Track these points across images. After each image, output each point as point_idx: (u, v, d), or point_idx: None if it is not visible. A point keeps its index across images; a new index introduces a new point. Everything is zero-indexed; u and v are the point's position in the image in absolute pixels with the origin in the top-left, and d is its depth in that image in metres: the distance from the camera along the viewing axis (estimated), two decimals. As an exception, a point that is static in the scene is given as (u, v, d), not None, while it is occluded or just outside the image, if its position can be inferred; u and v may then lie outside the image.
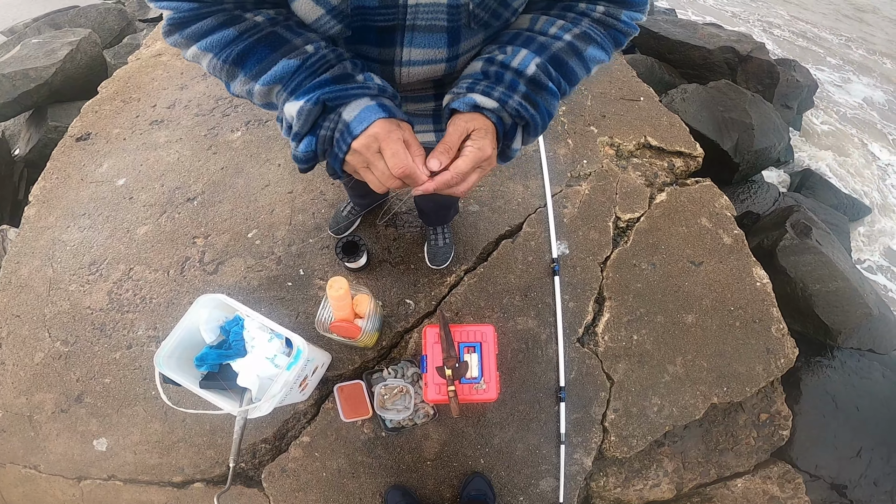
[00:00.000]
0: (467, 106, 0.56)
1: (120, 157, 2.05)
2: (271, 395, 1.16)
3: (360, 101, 0.53)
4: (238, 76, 0.55)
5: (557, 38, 0.59)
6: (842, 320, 1.98)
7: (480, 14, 0.56)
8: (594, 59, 0.60)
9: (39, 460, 1.57)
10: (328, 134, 0.54)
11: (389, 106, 0.54)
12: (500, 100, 0.55)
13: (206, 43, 0.53)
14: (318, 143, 0.55)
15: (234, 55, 0.53)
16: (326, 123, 0.54)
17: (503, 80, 0.57)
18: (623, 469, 1.62)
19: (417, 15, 0.55)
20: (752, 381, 1.66)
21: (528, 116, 0.57)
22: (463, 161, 0.55)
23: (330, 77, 0.53)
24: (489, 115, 0.56)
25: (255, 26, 0.53)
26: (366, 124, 0.51)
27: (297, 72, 0.53)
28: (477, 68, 0.59)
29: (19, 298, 1.78)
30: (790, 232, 2.22)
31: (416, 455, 1.55)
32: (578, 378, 1.62)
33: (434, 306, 1.70)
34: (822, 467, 1.82)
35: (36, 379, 1.65)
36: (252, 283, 1.73)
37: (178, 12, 0.52)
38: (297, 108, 0.53)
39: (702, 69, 3.19)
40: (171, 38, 0.54)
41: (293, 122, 0.54)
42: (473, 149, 0.55)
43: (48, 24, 3.66)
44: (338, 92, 0.52)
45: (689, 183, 2.01)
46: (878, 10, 6.65)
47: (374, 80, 0.56)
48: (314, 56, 0.54)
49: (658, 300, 1.74)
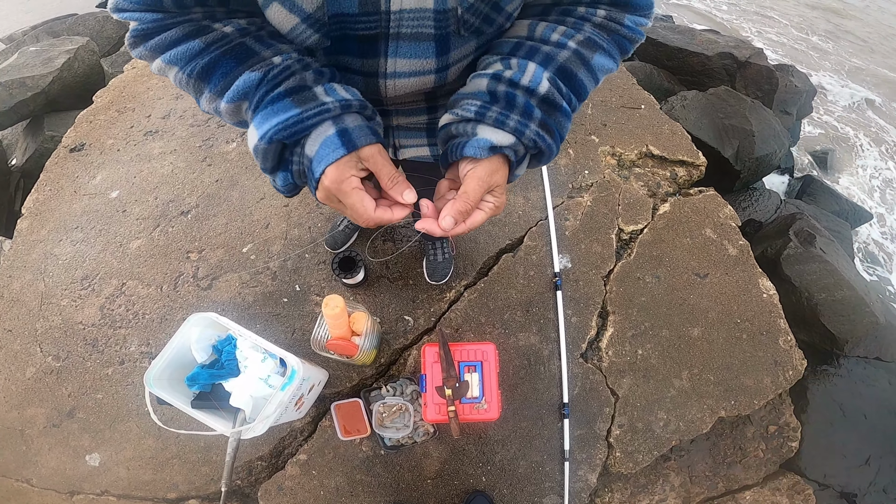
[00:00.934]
0: (484, 151, 0.50)
1: (114, 169, 2.02)
2: (265, 415, 1.12)
3: (320, 129, 0.48)
4: (204, 92, 0.51)
5: (561, 45, 0.54)
6: (848, 329, 1.96)
7: (470, 20, 0.51)
8: (602, 68, 0.56)
9: (31, 474, 1.54)
10: (300, 168, 0.50)
11: (351, 130, 0.48)
12: (515, 131, 0.50)
13: (170, 55, 0.49)
14: (295, 176, 0.52)
15: (199, 69, 0.49)
16: (294, 158, 0.50)
17: (516, 104, 0.51)
18: (629, 485, 1.60)
19: (402, 22, 0.50)
20: (760, 393, 1.63)
21: (545, 146, 0.52)
22: (480, 217, 0.52)
23: (284, 91, 0.48)
24: (507, 153, 0.51)
25: (224, 38, 0.49)
26: (321, 167, 0.47)
27: (259, 85, 0.48)
28: (482, 86, 0.53)
29: (11, 313, 1.75)
30: (794, 240, 2.20)
31: (416, 473, 1.52)
32: (582, 394, 1.59)
33: (433, 322, 1.66)
34: (830, 476, 1.80)
35: (27, 393, 1.62)
36: (247, 298, 1.69)
37: (143, 23, 0.49)
38: (252, 144, 0.49)
39: (701, 75, 3.18)
40: (135, 50, 0.50)
41: (255, 158, 0.50)
42: (493, 206, 0.52)
43: (46, 32, 3.64)
44: (293, 125, 0.47)
45: (692, 193, 1.98)
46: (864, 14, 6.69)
47: (336, 92, 0.50)
48: (277, 67, 0.49)
49: (663, 314, 1.71)
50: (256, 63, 0.49)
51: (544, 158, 0.55)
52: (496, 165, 0.51)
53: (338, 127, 0.48)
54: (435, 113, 0.73)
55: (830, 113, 5.00)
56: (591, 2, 0.55)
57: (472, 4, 0.50)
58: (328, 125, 0.48)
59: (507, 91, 0.51)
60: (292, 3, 0.47)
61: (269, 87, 0.48)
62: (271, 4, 0.48)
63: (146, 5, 0.48)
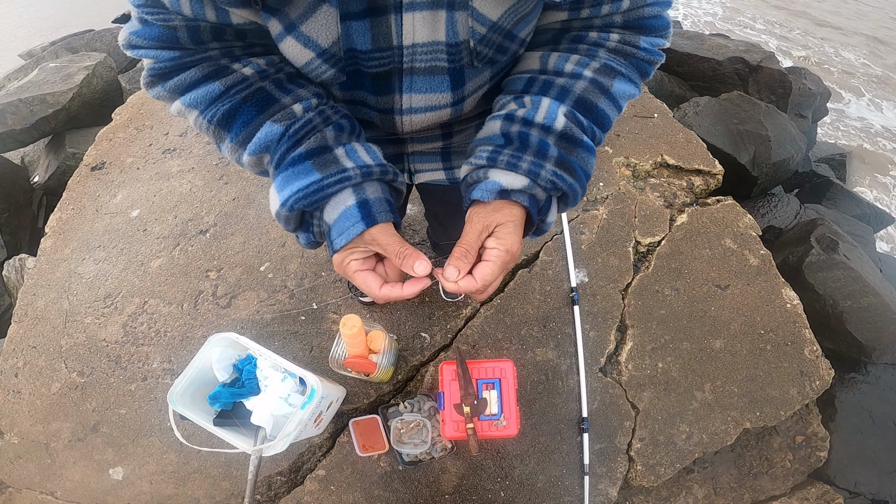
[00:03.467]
0: (491, 194, 0.48)
1: (134, 188, 2.07)
2: (285, 434, 1.13)
3: (339, 197, 0.48)
4: (225, 140, 0.50)
5: (577, 76, 0.51)
6: (875, 336, 1.91)
7: (483, 51, 0.49)
8: (623, 94, 0.53)
9: (56, 487, 1.57)
10: (321, 230, 0.51)
11: (371, 203, 0.48)
12: (529, 173, 0.47)
13: (190, 98, 0.48)
14: (316, 236, 0.52)
15: (220, 115, 0.48)
16: (314, 221, 0.51)
17: (529, 144, 0.48)
18: (650, 498, 1.57)
19: (415, 57, 0.49)
20: (786, 404, 1.60)
21: (566, 187, 0.49)
22: (489, 270, 0.48)
23: (305, 152, 0.48)
24: (518, 199, 0.48)
25: (243, 80, 0.49)
26: (344, 241, 0.48)
27: (280, 140, 0.48)
28: (496, 129, 0.51)
29: (35, 330, 1.79)
30: (816, 247, 2.15)
31: (433, 489, 1.51)
32: (601, 408, 1.57)
33: (450, 339, 1.66)
34: (861, 484, 1.77)
35: (52, 408, 1.65)
36: (265, 317, 1.71)
37: (159, 62, 0.47)
38: (274, 210, 0.49)
39: (712, 81, 3.14)
40: (152, 90, 0.50)
41: (278, 222, 0.51)
42: (500, 251, 0.48)
43: (65, 48, 3.68)
44: (313, 195, 0.47)
45: (709, 202, 1.95)
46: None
47: (357, 155, 0.50)
48: (299, 122, 0.49)
49: (683, 326, 1.68)
50: (277, 112, 0.49)
51: (570, 200, 0.52)
52: (500, 207, 0.49)
53: (358, 197, 0.48)
54: (450, 139, 0.72)
55: (848, 118, 4.90)
56: (604, 25, 0.52)
57: (485, 35, 0.48)
58: (348, 194, 0.48)
59: (521, 131, 0.49)
60: (307, 38, 0.46)
61: (290, 144, 0.48)
62: (286, 39, 0.47)
63: (161, 42, 0.47)
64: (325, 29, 0.45)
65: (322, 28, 0.45)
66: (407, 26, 0.46)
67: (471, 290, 0.49)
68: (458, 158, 0.79)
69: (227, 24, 0.46)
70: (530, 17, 0.50)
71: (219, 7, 0.44)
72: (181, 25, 0.46)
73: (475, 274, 0.48)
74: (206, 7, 0.44)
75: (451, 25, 0.47)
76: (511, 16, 0.48)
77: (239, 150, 0.50)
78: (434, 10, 0.46)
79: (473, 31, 0.47)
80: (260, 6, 0.44)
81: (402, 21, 0.46)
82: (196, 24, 0.46)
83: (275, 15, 0.45)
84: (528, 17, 0.50)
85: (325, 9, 0.44)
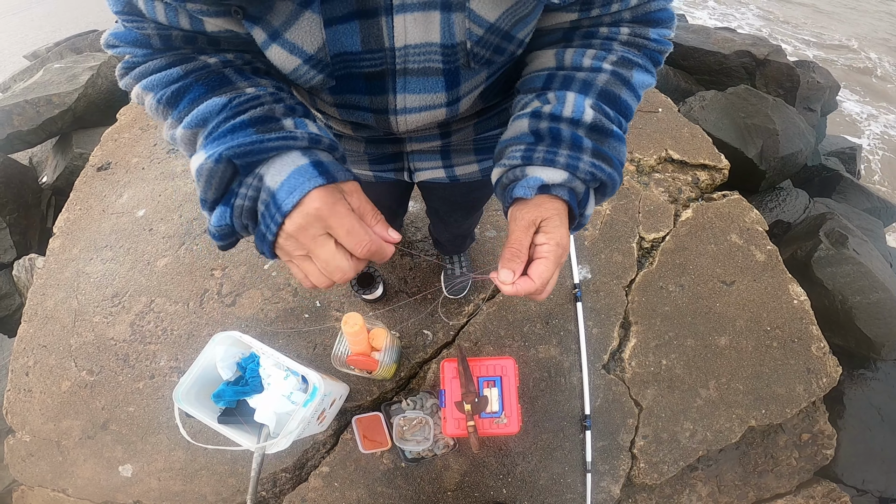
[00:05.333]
0: (533, 190, 0.46)
1: (139, 188, 2.09)
2: (288, 431, 1.14)
3: (286, 159, 0.40)
4: (168, 118, 0.46)
5: (597, 70, 0.51)
6: (885, 332, 1.88)
7: (481, 52, 0.49)
8: (642, 84, 0.53)
9: (67, 484, 1.60)
10: (247, 204, 0.41)
11: (327, 164, 0.41)
12: (568, 167, 0.46)
13: (148, 81, 0.46)
14: (235, 215, 0.42)
15: (170, 93, 0.44)
16: (242, 189, 0.41)
17: (562, 139, 0.47)
18: (654, 495, 1.57)
19: (408, 58, 0.49)
20: (792, 402, 1.58)
21: (605, 177, 0.47)
22: (545, 267, 0.46)
23: (248, 119, 0.41)
24: (560, 193, 0.47)
25: (205, 67, 0.46)
26: (298, 195, 0.39)
27: (220, 111, 0.42)
28: (524, 128, 0.49)
29: (45, 329, 1.82)
30: (825, 241, 2.11)
31: (436, 486, 1.52)
32: (604, 405, 1.57)
33: (452, 336, 1.66)
34: (869, 482, 1.75)
35: (63, 406, 1.68)
36: (269, 314, 1.72)
37: (135, 56, 0.48)
38: (196, 164, 0.40)
39: (718, 75, 3.08)
40: (123, 80, 0.49)
41: (195, 183, 0.42)
42: (552, 246, 0.46)
43: (69, 49, 3.70)
44: (250, 144, 0.39)
45: (715, 197, 1.93)
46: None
47: (306, 126, 0.44)
48: (245, 95, 0.43)
49: (688, 323, 1.67)
50: (227, 91, 0.44)
51: (608, 190, 0.50)
52: (543, 202, 0.47)
53: (311, 158, 0.41)
54: (449, 137, 0.72)
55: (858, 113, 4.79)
56: (613, 21, 0.53)
57: (482, 37, 0.47)
58: (297, 155, 0.41)
59: (551, 127, 0.48)
60: (292, 45, 0.46)
61: (230, 114, 0.42)
62: (271, 46, 0.46)
63: (136, 43, 0.47)
64: (310, 35, 0.45)
65: (306, 34, 0.45)
66: (398, 28, 0.46)
67: (530, 292, 0.47)
68: (458, 156, 0.79)
69: (200, 32, 0.46)
70: (529, 19, 0.49)
71: (193, 16, 0.44)
72: (153, 33, 0.46)
73: (531, 273, 0.46)
74: (181, 15, 0.44)
75: (447, 27, 0.46)
76: (509, 17, 0.47)
77: (176, 125, 0.45)
78: (427, 11, 0.45)
79: (471, 33, 0.47)
80: (241, 16, 0.43)
81: (394, 23, 0.46)
82: (168, 32, 0.46)
83: (257, 24, 0.45)
84: (527, 18, 0.49)
85: (307, 15, 0.44)
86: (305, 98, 0.66)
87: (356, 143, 0.76)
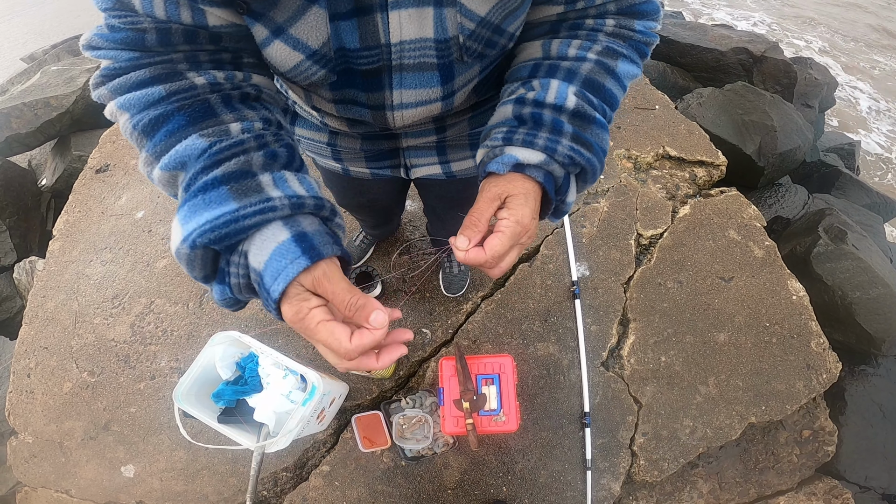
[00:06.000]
0: (506, 166, 0.46)
1: (138, 189, 2.10)
2: (287, 430, 1.15)
3: (266, 233, 0.38)
4: (143, 149, 0.42)
5: (581, 59, 0.51)
6: (885, 328, 1.88)
7: (473, 46, 0.50)
8: (627, 74, 0.53)
9: (70, 485, 1.61)
10: (242, 281, 0.39)
11: (311, 236, 0.39)
12: (546, 149, 0.46)
13: (125, 99, 0.42)
14: (235, 292, 0.41)
15: (147, 120, 0.41)
16: (232, 269, 0.39)
17: (543, 122, 0.48)
18: (654, 493, 1.57)
19: (403, 54, 0.50)
20: (792, 398, 1.58)
21: (584, 161, 0.48)
22: (499, 241, 0.45)
23: (222, 175, 0.38)
24: (534, 174, 0.47)
25: (190, 89, 0.43)
26: (283, 283, 0.37)
27: (199, 157, 0.39)
28: (508, 113, 0.51)
29: (46, 331, 1.82)
30: (824, 237, 2.11)
31: (436, 484, 1.52)
32: (604, 403, 1.57)
33: (451, 335, 1.67)
34: (871, 478, 1.75)
35: (65, 407, 1.69)
36: (268, 315, 1.72)
37: (117, 62, 0.43)
38: (174, 246, 0.38)
39: (716, 72, 3.08)
40: (97, 91, 0.44)
41: (179, 264, 0.40)
42: (510, 222, 0.45)
43: (66, 51, 3.68)
44: (225, 225, 0.37)
45: (713, 194, 1.93)
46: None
47: (286, 184, 0.41)
48: (228, 140, 0.40)
49: (687, 319, 1.67)
50: (210, 126, 0.41)
51: (589, 177, 0.50)
52: (512, 179, 0.47)
53: (293, 231, 0.39)
54: (444, 132, 0.73)
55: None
56: (599, 14, 0.54)
57: (474, 31, 0.48)
58: (278, 227, 0.38)
59: (533, 112, 0.49)
60: (296, 41, 0.46)
61: (207, 164, 0.39)
62: (273, 43, 0.46)
63: (125, 45, 0.43)
64: (315, 30, 0.46)
65: (312, 30, 0.46)
66: (393, 24, 0.47)
67: (479, 262, 0.46)
68: (453, 151, 0.79)
69: (202, 26, 0.44)
70: (518, 12, 0.51)
71: (196, 8, 0.43)
72: (150, 28, 0.43)
73: (485, 245, 0.45)
74: (182, 8, 0.42)
75: (440, 22, 0.48)
76: (499, 11, 0.48)
77: (153, 163, 0.42)
78: (420, 7, 0.46)
79: (462, 27, 0.48)
80: (244, 10, 0.44)
81: (389, 19, 0.47)
82: (168, 26, 0.43)
83: (259, 20, 0.45)
84: (517, 11, 0.50)
85: (314, 10, 0.44)
86: (301, 96, 0.66)
87: (352, 140, 0.76)
